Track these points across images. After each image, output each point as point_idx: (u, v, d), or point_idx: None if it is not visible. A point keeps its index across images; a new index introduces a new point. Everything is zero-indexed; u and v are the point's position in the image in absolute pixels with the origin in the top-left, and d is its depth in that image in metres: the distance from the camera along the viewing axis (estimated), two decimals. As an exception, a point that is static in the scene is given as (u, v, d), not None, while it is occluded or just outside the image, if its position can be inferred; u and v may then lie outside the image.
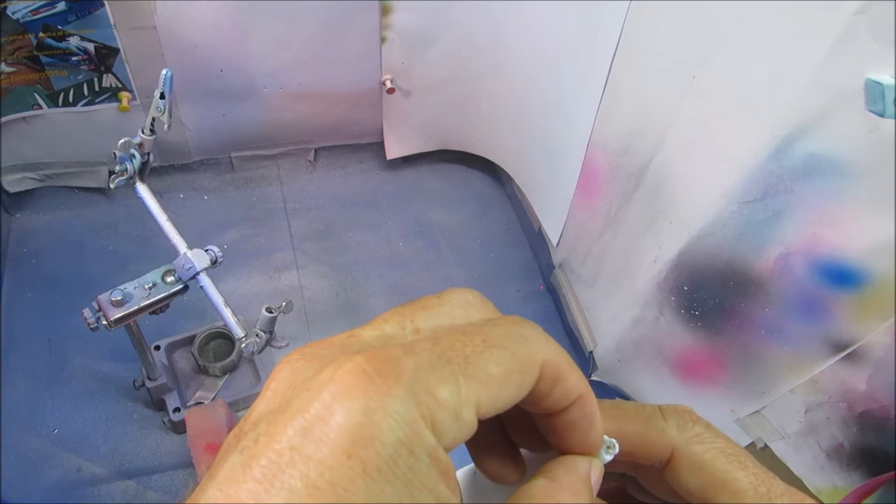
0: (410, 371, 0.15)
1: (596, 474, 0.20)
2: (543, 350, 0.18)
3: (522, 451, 0.22)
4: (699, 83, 0.62)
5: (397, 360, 0.16)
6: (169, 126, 0.69)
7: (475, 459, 0.21)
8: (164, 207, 0.73)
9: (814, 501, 0.21)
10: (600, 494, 0.21)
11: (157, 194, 0.74)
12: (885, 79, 0.44)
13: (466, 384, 0.16)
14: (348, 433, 0.14)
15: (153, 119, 0.68)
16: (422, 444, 0.15)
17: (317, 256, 1.11)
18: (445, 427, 0.15)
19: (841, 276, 0.54)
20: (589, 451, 0.20)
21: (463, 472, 0.23)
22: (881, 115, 0.46)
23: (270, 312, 0.70)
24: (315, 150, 1.21)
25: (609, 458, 0.20)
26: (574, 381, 0.19)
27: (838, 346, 0.56)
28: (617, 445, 0.21)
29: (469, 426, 0.16)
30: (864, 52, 0.46)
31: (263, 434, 0.15)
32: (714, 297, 0.67)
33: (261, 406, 0.17)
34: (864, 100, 0.46)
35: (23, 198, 1.09)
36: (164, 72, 0.65)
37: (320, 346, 0.18)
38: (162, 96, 0.66)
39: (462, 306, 0.19)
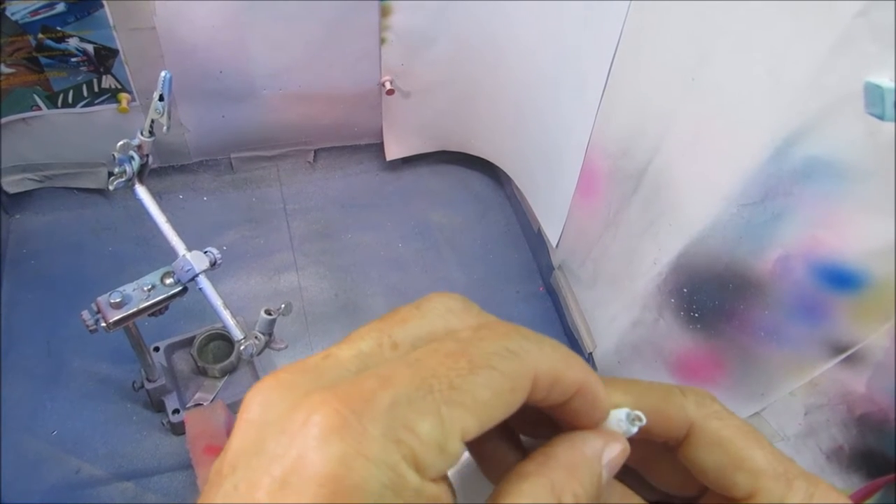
0: (387, 407, 0.15)
1: (614, 451, 0.19)
2: (535, 361, 0.17)
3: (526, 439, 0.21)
4: (699, 85, 0.62)
5: (373, 394, 0.15)
6: (168, 128, 0.69)
7: (471, 452, 0.20)
8: (163, 209, 0.73)
9: (830, 486, 0.20)
10: None
11: (157, 195, 0.74)
12: (885, 82, 0.44)
13: (450, 414, 0.15)
14: (329, 484, 0.14)
15: (152, 121, 0.68)
16: (406, 485, 0.15)
17: (316, 258, 1.10)
18: (429, 463, 0.15)
19: (840, 279, 0.54)
20: (596, 426, 0.19)
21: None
22: (881, 117, 0.45)
23: (269, 314, 0.70)
24: (314, 152, 1.21)
25: (635, 430, 0.20)
26: (571, 377, 0.18)
27: (838, 349, 0.56)
28: (644, 417, 0.20)
29: (455, 455, 0.16)
30: (864, 54, 0.45)
31: (242, 481, 0.15)
32: (713, 299, 0.67)
33: (236, 442, 0.16)
34: (863, 103, 0.46)
35: (22, 199, 1.09)
36: (162, 74, 0.65)
37: (294, 372, 0.17)
38: (161, 98, 0.66)
39: (442, 315, 0.18)
